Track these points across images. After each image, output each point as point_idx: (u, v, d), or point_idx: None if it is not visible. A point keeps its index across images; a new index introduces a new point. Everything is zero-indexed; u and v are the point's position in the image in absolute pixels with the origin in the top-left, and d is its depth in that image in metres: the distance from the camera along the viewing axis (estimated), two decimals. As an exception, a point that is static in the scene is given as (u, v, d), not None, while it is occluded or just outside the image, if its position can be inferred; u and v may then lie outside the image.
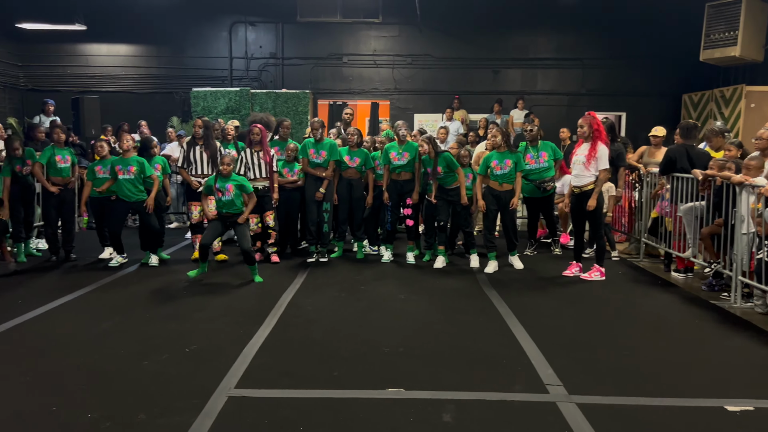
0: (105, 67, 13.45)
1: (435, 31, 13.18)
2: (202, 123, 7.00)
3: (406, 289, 5.87)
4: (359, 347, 4.24)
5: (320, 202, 7.05)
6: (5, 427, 3.08)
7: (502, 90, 13.10)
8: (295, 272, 6.54)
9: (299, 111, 11.89)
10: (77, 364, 3.89)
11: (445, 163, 6.64)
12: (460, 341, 4.40)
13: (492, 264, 6.67)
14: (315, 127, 7.06)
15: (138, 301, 5.39)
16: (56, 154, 6.93)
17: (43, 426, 3.09)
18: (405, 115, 13.12)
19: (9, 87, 13.07)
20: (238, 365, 3.88)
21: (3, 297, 5.52)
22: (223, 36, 13.43)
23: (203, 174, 6.91)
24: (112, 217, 6.79)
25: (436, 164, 6.65)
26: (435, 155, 6.67)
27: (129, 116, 11.09)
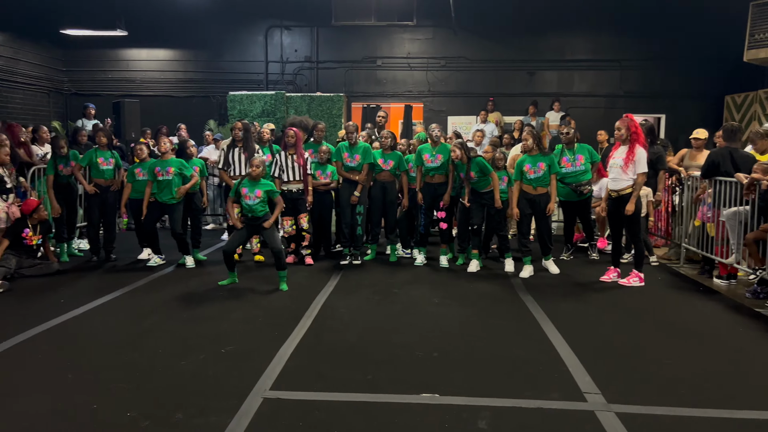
0: (145, 72, 13.77)
1: (470, 33, 13.12)
2: (242, 126, 7.09)
3: (439, 293, 5.83)
4: (393, 351, 4.23)
5: (354, 205, 7.07)
6: (47, 424, 3.16)
7: (537, 92, 12.97)
8: (329, 274, 6.57)
9: (333, 114, 11.95)
10: (117, 363, 3.98)
11: (477, 168, 6.58)
12: (496, 347, 4.35)
13: (527, 268, 6.59)
14: (350, 131, 7.07)
15: (176, 302, 5.48)
16: (98, 156, 7.11)
17: (83, 424, 3.16)
18: (438, 118, 13.08)
19: (54, 91, 13.48)
20: (273, 367, 3.91)
21: (46, 296, 5.67)
22: (259, 40, 13.61)
23: (242, 176, 7.00)
24: (147, 215, 6.92)
25: (468, 169, 6.60)
26: (468, 160, 6.62)
27: (168, 119, 11.32)
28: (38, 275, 6.42)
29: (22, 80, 12.42)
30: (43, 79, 13.10)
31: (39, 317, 4.93)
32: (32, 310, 5.16)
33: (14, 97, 12.21)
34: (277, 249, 5.95)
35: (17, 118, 11.57)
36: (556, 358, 4.10)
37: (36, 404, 3.37)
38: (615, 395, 3.50)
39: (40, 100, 13.07)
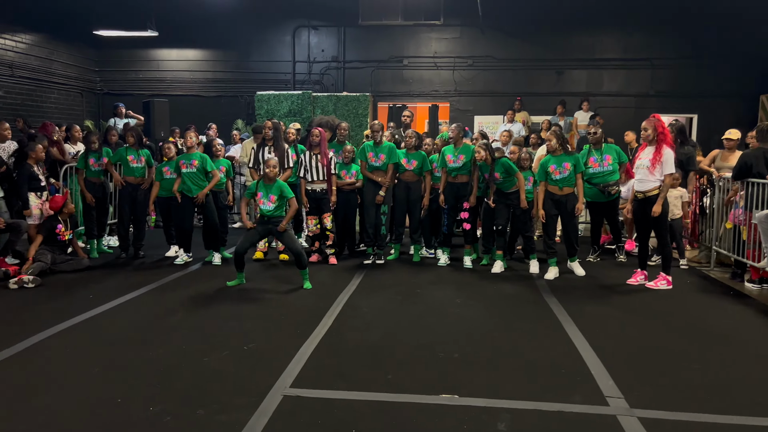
0: (175, 72, 13.99)
1: (497, 32, 13.02)
2: (273, 125, 7.16)
3: (462, 293, 5.81)
4: (414, 351, 4.22)
5: (378, 205, 7.08)
6: (72, 416, 3.23)
7: (565, 91, 12.81)
8: (352, 274, 6.59)
9: (359, 114, 11.96)
10: (143, 359, 4.05)
11: (503, 169, 6.53)
12: (518, 349, 4.31)
13: (552, 270, 6.52)
14: (375, 130, 7.08)
15: (201, 299, 5.56)
16: (128, 154, 7.25)
17: (107, 417, 3.23)
18: (465, 117, 13.03)
19: (86, 91, 13.78)
20: (294, 365, 3.94)
21: (76, 292, 5.80)
22: (287, 40, 13.72)
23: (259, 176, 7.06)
24: (179, 213, 7.03)
25: (493, 170, 6.56)
26: (492, 161, 6.57)
27: (196, 119, 11.49)
28: (69, 270, 6.58)
29: (57, 80, 12.73)
30: (76, 79, 13.41)
31: (69, 312, 5.05)
32: (62, 305, 5.29)
33: (49, 97, 12.52)
34: (296, 250, 5.94)
35: (52, 117, 11.87)
36: (579, 362, 4.05)
37: (62, 397, 3.46)
38: (638, 400, 3.44)
39: (73, 100, 13.38)
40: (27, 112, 11.66)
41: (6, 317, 4.97)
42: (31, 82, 11.92)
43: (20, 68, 11.60)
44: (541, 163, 6.55)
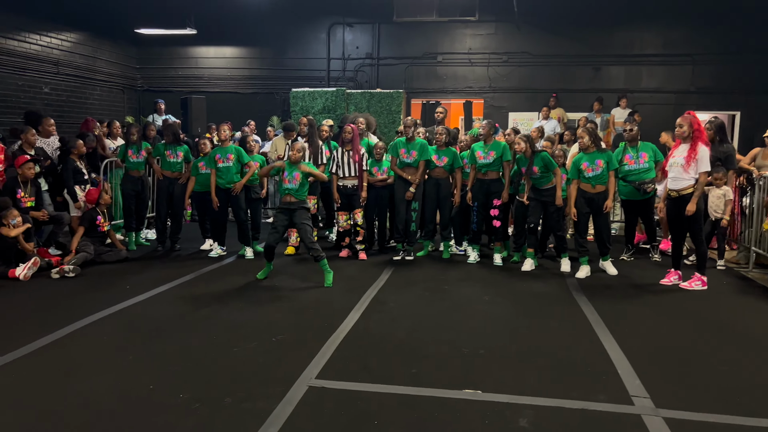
0: (212, 69, 14.26)
1: (533, 28, 12.87)
2: (308, 121, 7.26)
3: (491, 291, 5.79)
4: (439, 347, 4.24)
5: (409, 201, 7.10)
6: (107, 400, 3.36)
7: (603, 88, 12.59)
8: (381, 269, 6.63)
9: (392, 110, 11.99)
10: (175, 347, 4.18)
11: (542, 163, 6.45)
12: (544, 346, 4.29)
13: (584, 269, 6.44)
14: (407, 125, 7.09)
15: (233, 291, 5.69)
16: (166, 149, 7.45)
17: (139, 403, 3.34)
18: (499, 114, 12.94)
19: (127, 88, 14.16)
20: (321, 356, 4.01)
21: (114, 282, 6.00)
22: (322, 38, 13.83)
23: None
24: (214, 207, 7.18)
25: (531, 163, 6.49)
26: (531, 154, 6.51)
27: (233, 116, 11.69)
28: (110, 261, 6.80)
29: (100, 78, 13.11)
30: (118, 76, 13.78)
31: (107, 302, 5.23)
32: (101, 295, 5.48)
33: (92, 94, 12.90)
34: (309, 242, 5.94)
35: (95, 113, 12.23)
36: (606, 360, 4.01)
37: (98, 382, 3.59)
38: (665, 400, 3.40)
39: (115, 97, 13.76)
40: (71, 109, 12.07)
41: (47, 305, 5.17)
42: (75, 80, 12.30)
43: (65, 66, 11.98)
44: (574, 160, 6.47)
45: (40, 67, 11.33)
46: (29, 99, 11.00)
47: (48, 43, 11.57)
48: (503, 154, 6.75)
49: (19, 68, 10.78)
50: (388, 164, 7.21)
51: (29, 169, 6.65)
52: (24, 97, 10.90)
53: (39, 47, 11.33)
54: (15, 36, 10.75)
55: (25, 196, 6.62)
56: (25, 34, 11.00)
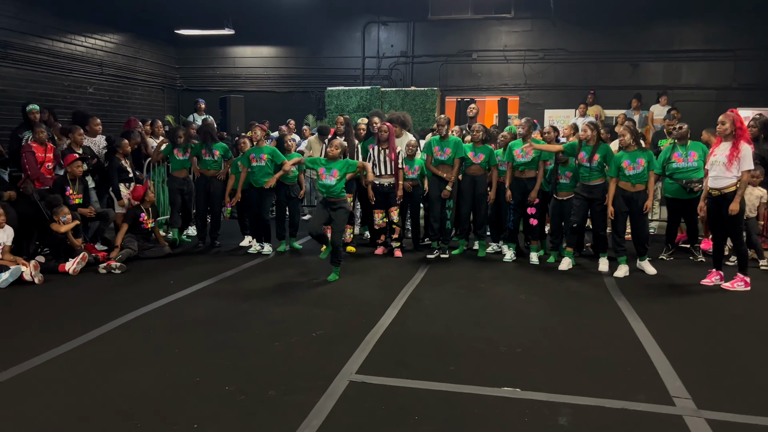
0: (249, 68, 14.48)
1: (570, 24, 12.73)
2: (344, 120, 7.34)
3: (527, 289, 5.79)
4: (476, 344, 4.28)
5: (444, 199, 7.12)
6: (153, 390, 3.49)
7: (641, 84, 12.38)
8: (417, 267, 6.68)
9: (427, 108, 12.03)
10: (218, 341, 4.30)
11: (603, 154, 6.36)
12: (582, 345, 4.29)
13: (622, 268, 6.38)
14: (441, 124, 7.10)
15: (272, 287, 5.81)
16: (203, 148, 7.61)
17: (187, 393, 3.47)
18: (535, 111, 12.83)
19: (167, 87, 14.49)
20: (360, 352, 4.08)
21: (158, 277, 6.18)
22: (357, 36, 13.91)
23: None
24: (252, 204, 7.33)
25: (594, 151, 6.38)
26: (597, 141, 6.41)
27: (269, 114, 11.87)
28: (153, 257, 7.00)
29: (141, 77, 13.45)
30: (158, 76, 14.11)
31: (152, 296, 5.41)
32: (145, 290, 5.66)
33: (134, 93, 13.25)
34: (336, 243, 6.02)
35: (136, 112, 12.56)
36: (646, 360, 3.99)
37: (145, 373, 3.73)
38: (707, 401, 3.37)
39: (155, 96, 14.09)
40: (114, 108, 12.42)
41: (96, 299, 5.37)
42: (117, 80, 12.65)
43: (108, 66, 12.33)
44: (614, 158, 6.40)
45: (85, 68, 11.68)
46: (75, 99, 11.36)
47: (93, 45, 11.92)
48: (542, 153, 6.72)
49: (65, 69, 11.14)
50: (420, 162, 7.24)
51: (77, 167, 6.89)
52: (70, 97, 11.27)
53: (84, 49, 11.68)
54: (62, 38, 11.11)
55: (73, 194, 6.87)
56: (72, 36, 11.36)
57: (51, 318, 4.82)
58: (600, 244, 6.73)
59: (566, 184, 6.72)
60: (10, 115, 8.80)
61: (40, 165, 7.10)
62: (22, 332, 4.47)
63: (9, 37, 9.94)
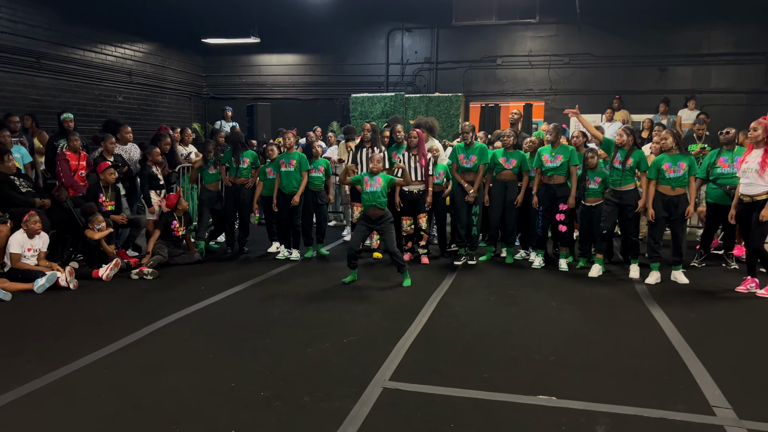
0: (275, 76, 14.64)
1: (595, 29, 12.66)
2: (371, 127, 7.38)
3: (558, 296, 5.74)
4: (509, 352, 4.26)
5: (470, 205, 7.10)
6: (193, 395, 3.53)
7: (669, 89, 12.26)
8: (444, 274, 6.67)
9: (451, 114, 12.03)
10: (252, 347, 4.34)
11: (637, 159, 6.29)
12: (617, 354, 4.24)
13: (654, 274, 6.30)
14: (465, 131, 7.08)
15: (302, 293, 5.84)
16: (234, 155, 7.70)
17: (223, 399, 3.50)
18: (561, 116, 12.71)
19: (194, 95, 14.71)
20: (392, 359, 4.09)
21: (189, 283, 6.26)
22: (381, 43, 13.99)
23: None
24: (280, 211, 7.40)
25: (628, 155, 6.31)
26: (633, 146, 6.34)
27: (294, 121, 11.97)
28: (183, 264, 7.09)
29: (169, 86, 13.68)
30: (186, 84, 14.34)
31: (184, 302, 5.48)
32: (178, 295, 5.74)
33: (162, 101, 13.47)
34: (391, 251, 6.14)
35: (164, 120, 12.78)
36: (683, 369, 3.94)
37: (182, 379, 3.78)
38: (748, 411, 3.31)
39: (183, 104, 14.31)
40: (142, 116, 12.63)
41: (129, 304, 5.46)
42: (146, 88, 12.88)
43: (137, 75, 12.56)
44: (655, 160, 6.32)
45: (115, 77, 11.93)
46: (105, 107, 11.59)
47: (122, 54, 12.16)
48: (570, 158, 6.68)
49: (96, 78, 11.38)
50: (443, 167, 7.24)
51: (110, 175, 7.02)
52: (100, 105, 11.50)
53: (114, 58, 11.92)
54: (93, 48, 11.36)
55: (106, 201, 7.00)
56: (102, 46, 11.60)
57: (88, 323, 4.91)
58: (631, 250, 6.65)
59: (595, 190, 6.67)
60: (44, 124, 9.00)
61: (73, 173, 7.26)
62: (61, 337, 4.56)
63: (43, 48, 10.20)
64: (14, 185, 6.65)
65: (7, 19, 9.59)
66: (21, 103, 9.65)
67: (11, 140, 7.40)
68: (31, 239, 6.13)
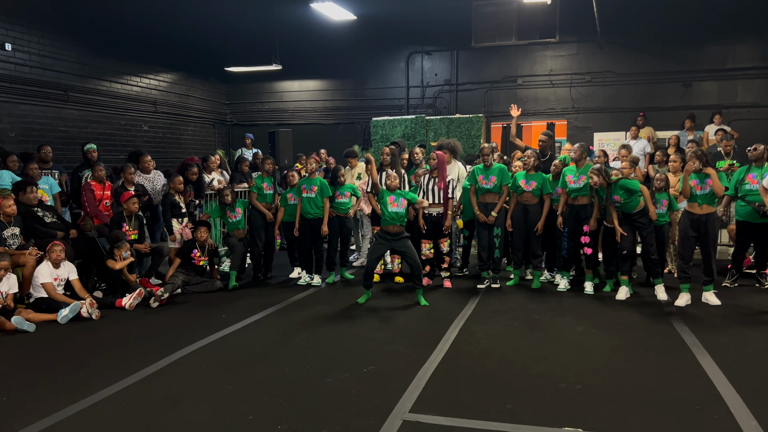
0: (296, 102, 14.80)
1: (617, 47, 12.55)
2: (390, 151, 7.36)
3: (584, 321, 5.59)
4: (534, 381, 4.13)
5: (491, 227, 6.99)
6: (209, 430, 3.48)
7: (694, 104, 12.05)
8: (467, 298, 6.56)
9: (472, 135, 11.98)
10: (270, 377, 4.29)
11: (622, 191, 6.24)
12: (647, 381, 4.09)
13: (684, 296, 6.11)
14: (485, 153, 6.99)
15: (322, 320, 5.79)
16: (263, 182, 7.73)
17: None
18: (584, 134, 12.63)
19: (218, 122, 14.92)
20: (413, 389, 3.99)
21: (211, 312, 6.25)
22: (401, 67, 14.06)
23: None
24: (301, 237, 7.39)
25: (609, 194, 6.29)
26: (608, 185, 6.30)
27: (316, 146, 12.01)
28: (201, 292, 7.08)
29: (193, 114, 13.91)
30: (209, 112, 14.57)
31: (205, 331, 5.46)
32: (199, 324, 5.72)
33: (186, 129, 13.69)
34: (415, 265, 6.24)
35: (188, 147, 12.97)
36: (716, 397, 3.77)
37: (199, 411, 3.74)
38: (788, 445, 3.14)
39: (207, 131, 14.53)
40: (167, 144, 12.84)
41: (151, 334, 5.46)
42: (171, 117, 13.11)
43: (162, 104, 12.80)
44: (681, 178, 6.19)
45: (141, 107, 12.17)
46: (130, 137, 11.81)
47: (147, 84, 12.42)
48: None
49: (122, 109, 11.62)
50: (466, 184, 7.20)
51: (133, 204, 7.10)
52: (126, 135, 11.72)
53: (139, 88, 12.17)
54: (119, 79, 11.61)
55: (129, 230, 7.07)
56: (128, 77, 11.86)
57: (109, 354, 4.91)
58: (652, 269, 6.46)
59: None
60: (71, 155, 9.21)
61: (98, 202, 7.37)
62: (81, 369, 4.56)
63: (71, 80, 10.46)
64: (37, 217, 6.76)
65: (37, 54, 9.87)
66: (50, 134, 9.89)
67: (40, 172, 7.56)
68: (57, 269, 6.21)
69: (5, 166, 7.39)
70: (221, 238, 8.66)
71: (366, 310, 6.11)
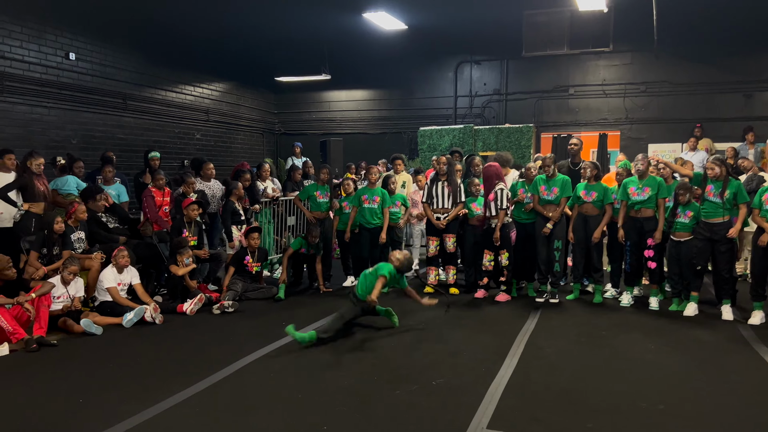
0: (344, 111, 14.87)
1: (673, 56, 12.25)
2: (446, 160, 7.32)
3: (654, 338, 5.40)
4: (611, 399, 4.00)
5: (551, 239, 6.84)
6: (288, 439, 3.46)
7: (755, 116, 11.66)
8: (527, 312, 6.41)
9: (522, 145, 11.81)
10: (339, 387, 4.24)
11: (733, 192, 5.96)
12: (729, 403, 3.91)
13: (757, 314, 5.86)
14: (547, 164, 6.89)
15: (384, 330, 5.73)
16: (316, 189, 7.76)
17: (318, 442, 3.41)
18: (638, 146, 12.32)
19: (267, 132, 15.11)
20: (486, 404, 3.90)
21: (270, 318, 6.26)
22: (449, 76, 14.01)
23: (443, 208, 7.17)
24: (358, 244, 7.38)
25: (724, 188, 5.99)
26: (727, 178, 6.03)
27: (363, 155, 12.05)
28: (260, 298, 7.12)
29: (243, 123, 14.12)
30: (258, 121, 14.77)
31: (266, 338, 5.46)
32: (262, 331, 5.73)
33: (236, 138, 13.90)
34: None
35: (238, 156, 13.15)
36: (811, 424, 3.58)
37: (271, 420, 3.72)
38: None
39: (256, 140, 14.72)
40: (218, 153, 13.04)
41: (214, 340, 5.49)
42: (222, 125, 13.33)
43: (214, 113, 13.03)
44: (761, 190, 5.95)
45: (194, 116, 12.41)
46: (183, 144, 12.04)
47: (200, 94, 12.66)
48: (659, 191, 6.37)
49: (176, 117, 11.86)
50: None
51: (193, 211, 7.20)
52: (179, 143, 11.95)
53: (193, 98, 12.42)
54: (174, 89, 11.87)
55: (189, 236, 7.16)
56: (182, 87, 12.12)
57: (177, 359, 4.95)
58: (724, 288, 6.19)
59: (685, 224, 6.29)
60: (129, 161, 9.42)
61: (158, 208, 7.49)
62: (153, 372, 4.61)
63: (129, 89, 10.73)
64: (101, 222, 6.91)
65: (98, 64, 10.16)
66: (109, 142, 10.14)
67: (114, 176, 7.77)
68: (121, 274, 6.32)
69: (71, 172, 7.59)
70: (273, 245, 8.72)
71: (425, 322, 6.03)
